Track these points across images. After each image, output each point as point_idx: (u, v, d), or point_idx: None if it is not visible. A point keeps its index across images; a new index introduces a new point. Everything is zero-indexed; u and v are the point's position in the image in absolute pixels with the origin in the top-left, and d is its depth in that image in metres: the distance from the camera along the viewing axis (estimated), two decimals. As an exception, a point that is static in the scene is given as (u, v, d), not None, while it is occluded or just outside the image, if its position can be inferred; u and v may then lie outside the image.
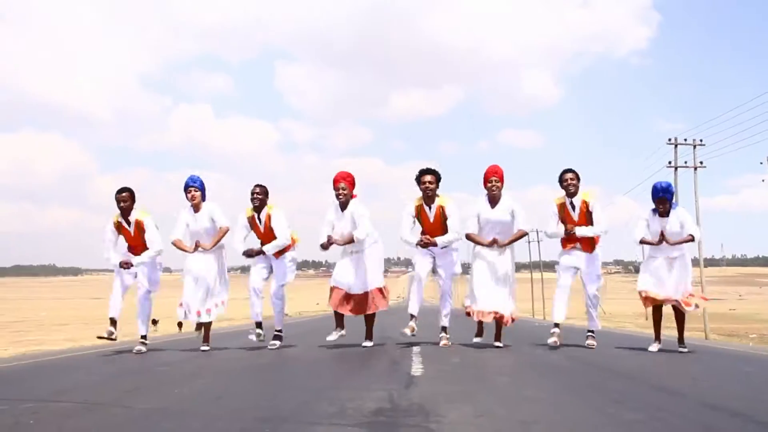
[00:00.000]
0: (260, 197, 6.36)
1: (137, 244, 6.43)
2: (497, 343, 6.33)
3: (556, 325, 6.41)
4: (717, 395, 3.62)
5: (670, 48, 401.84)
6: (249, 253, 6.36)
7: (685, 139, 26.45)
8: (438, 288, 6.61)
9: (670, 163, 26.22)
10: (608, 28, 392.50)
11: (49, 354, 7.32)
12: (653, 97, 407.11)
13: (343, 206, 6.20)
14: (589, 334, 6.51)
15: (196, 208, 6.41)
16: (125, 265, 6.38)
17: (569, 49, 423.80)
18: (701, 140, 26.24)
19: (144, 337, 6.54)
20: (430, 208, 6.25)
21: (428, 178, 6.22)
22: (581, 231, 6.22)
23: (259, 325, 6.49)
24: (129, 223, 6.37)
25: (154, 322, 22.43)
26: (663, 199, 6.13)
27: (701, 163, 25.99)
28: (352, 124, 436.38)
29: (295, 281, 6.65)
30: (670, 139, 26.51)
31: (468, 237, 6.32)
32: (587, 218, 6.26)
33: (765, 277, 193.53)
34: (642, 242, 6.24)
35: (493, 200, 6.26)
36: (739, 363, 5.82)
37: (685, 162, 26.19)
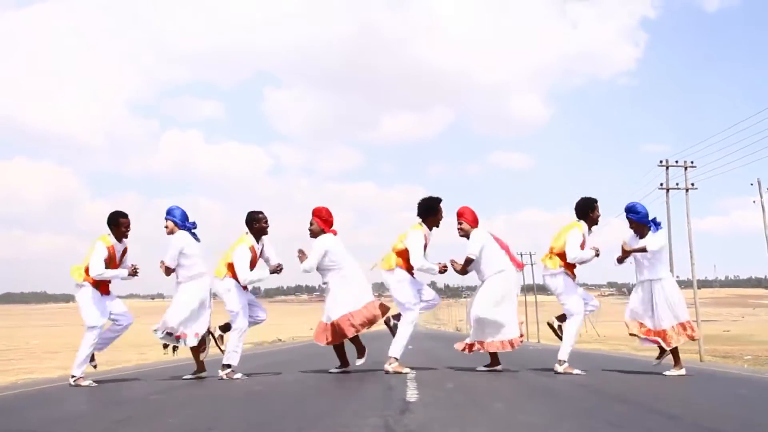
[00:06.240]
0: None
1: None
2: (480, 368, 6.36)
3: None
4: (712, 418, 3.63)
5: (658, 68, 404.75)
6: (275, 270, 6.35)
7: (677, 161, 26.61)
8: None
9: (661, 185, 26.40)
10: (596, 48, 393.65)
11: (40, 383, 7.24)
12: (642, 117, 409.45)
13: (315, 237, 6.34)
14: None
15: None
16: (134, 271, 6.18)
17: (558, 71, 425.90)
18: (692, 162, 26.42)
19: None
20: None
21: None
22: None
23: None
24: (119, 249, 6.16)
25: (165, 346, 22.27)
26: (629, 218, 6.18)
27: (692, 184, 26.15)
28: (343, 148, 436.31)
29: (289, 306, 6.59)
30: (661, 161, 26.69)
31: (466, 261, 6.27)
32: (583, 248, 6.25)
33: (758, 299, 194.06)
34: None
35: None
36: (734, 385, 5.82)
37: (677, 184, 26.36)
